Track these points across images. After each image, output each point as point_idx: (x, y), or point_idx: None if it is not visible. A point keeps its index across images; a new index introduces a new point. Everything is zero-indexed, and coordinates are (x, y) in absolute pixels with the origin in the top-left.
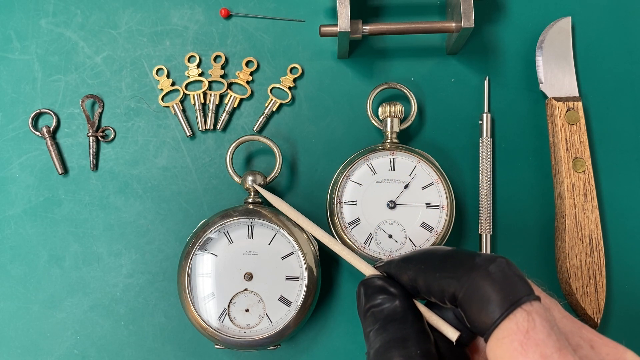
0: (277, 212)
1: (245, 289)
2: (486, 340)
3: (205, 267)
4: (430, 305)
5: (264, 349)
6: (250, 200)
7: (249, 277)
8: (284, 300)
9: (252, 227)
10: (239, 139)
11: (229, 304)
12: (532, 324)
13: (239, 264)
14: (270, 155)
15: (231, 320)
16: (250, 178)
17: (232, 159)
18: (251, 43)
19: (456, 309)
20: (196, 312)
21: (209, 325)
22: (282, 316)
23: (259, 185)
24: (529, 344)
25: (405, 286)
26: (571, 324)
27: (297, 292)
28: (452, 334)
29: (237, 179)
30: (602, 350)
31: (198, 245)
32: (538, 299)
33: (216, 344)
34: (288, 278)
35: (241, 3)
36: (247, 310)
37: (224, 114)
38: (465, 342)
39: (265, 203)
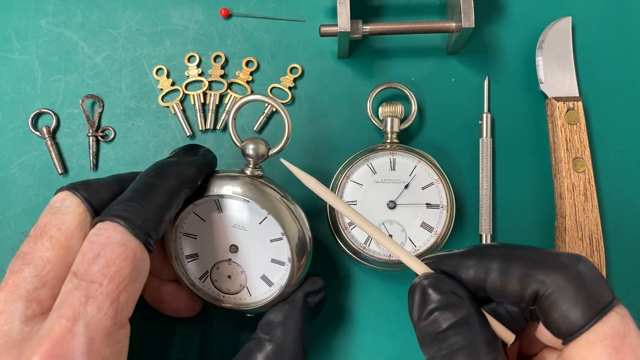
0: (272, 195)
1: (230, 259)
2: (567, 343)
3: (191, 228)
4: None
5: (240, 314)
6: (248, 172)
7: (234, 249)
8: (266, 280)
9: (244, 205)
10: (245, 97)
11: (212, 268)
12: (628, 329)
13: (226, 234)
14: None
15: (212, 283)
16: (251, 146)
17: (235, 118)
18: (251, 43)
19: (517, 306)
20: (178, 265)
21: (190, 280)
22: (262, 293)
23: (262, 156)
24: (625, 350)
25: (466, 285)
26: None
27: (281, 276)
28: (510, 337)
29: (239, 143)
30: None
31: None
32: (621, 300)
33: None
34: (274, 261)
35: (241, 3)
36: (229, 277)
37: (224, 114)
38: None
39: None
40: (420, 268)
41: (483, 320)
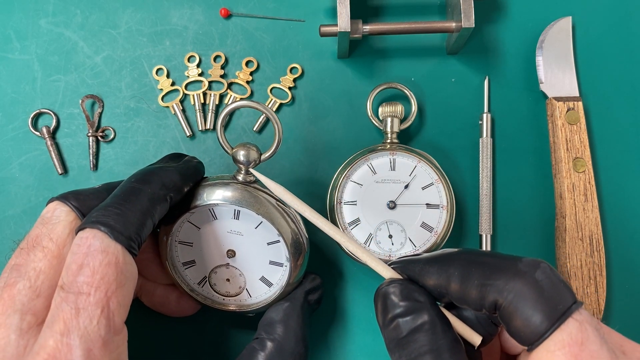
0: (266, 200)
1: (227, 264)
2: (530, 350)
3: (187, 236)
4: (447, 307)
5: (241, 314)
6: (240, 178)
7: (232, 253)
8: (265, 281)
9: (239, 212)
10: (232, 104)
11: (210, 273)
12: (585, 335)
13: (222, 240)
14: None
15: (211, 287)
16: (242, 153)
17: (223, 126)
18: (251, 43)
19: (480, 313)
20: (175, 273)
21: (189, 286)
22: (262, 294)
23: (253, 162)
24: (584, 356)
25: (430, 291)
26: (601, 328)
27: (280, 277)
28: (477, 339)
29: (229, 150)
30: (634, 355)
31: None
32: (582, 304)
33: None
34: (272, 262)
35: (241, 3)
36: (228, 280)
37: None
38: (482, 345)
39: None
40: (386, 273)
41: (445, 325)
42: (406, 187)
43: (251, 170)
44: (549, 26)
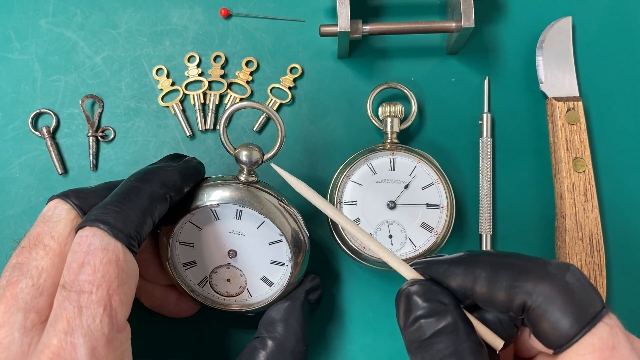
0: (268, 200)
1: (228, 264)
2: (557, 354)
3: (188, 236)
4: (469, 309)
5: (241, 314)
6: (242, 178)
7: (233, 253)
8: (266, 281)
9: (241, 212)
10: (234, 105)
11: (211, 273)
12: (617, 340)
13: (224, 241)
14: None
15: (212, 287)
16: (244, 153)
17: (226, 126)
18: (251, 43)
19: (506, 315)
20: (176, 274)
21: (189, 287)
22: (263, 294)
23: (256, 162)
24: None
25: (454, 292)
26: (628, 334)
27: (281, 276)
28: (499, 343)
29: (231, 150)
30: None
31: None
32: (610, 309)
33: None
34: (273, 262)
35: (241, 3)
36: (228, 280)
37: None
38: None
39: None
40: (409, 273)
41: (468, 327)
42: (406, 187)
43: (272, 165)
44: (549, 26)
